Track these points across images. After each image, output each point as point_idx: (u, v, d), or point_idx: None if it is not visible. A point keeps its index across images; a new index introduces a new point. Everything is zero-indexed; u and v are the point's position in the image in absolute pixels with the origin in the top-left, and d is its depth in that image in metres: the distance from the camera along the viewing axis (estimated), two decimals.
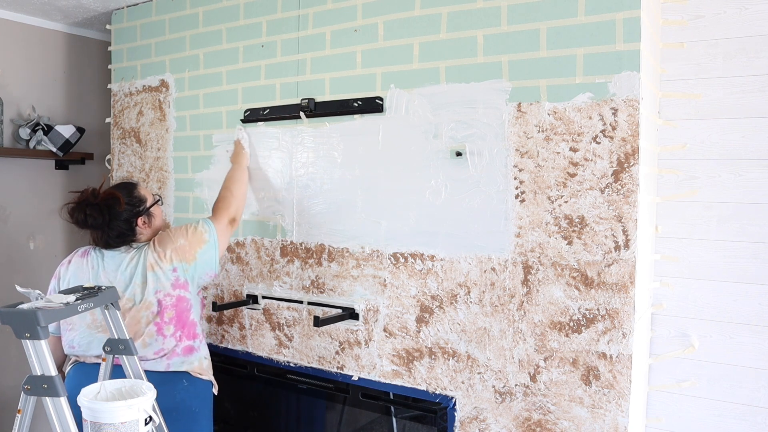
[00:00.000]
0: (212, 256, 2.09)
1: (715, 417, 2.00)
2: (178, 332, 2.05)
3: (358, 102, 2.13)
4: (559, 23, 1.79)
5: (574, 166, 1.77)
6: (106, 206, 2.01)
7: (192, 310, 2.10)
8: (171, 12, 2.67)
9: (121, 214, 2.04)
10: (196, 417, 2.03)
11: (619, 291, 1.72)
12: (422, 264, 2.03)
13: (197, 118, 2.59)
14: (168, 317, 2.03)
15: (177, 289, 2.05)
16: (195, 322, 2.11)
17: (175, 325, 2.04)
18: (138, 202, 2.09)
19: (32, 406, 1.45)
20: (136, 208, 2.08)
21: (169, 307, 2.03)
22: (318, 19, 2.25)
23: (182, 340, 2.06)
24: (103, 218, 2.01)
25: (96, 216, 2.00)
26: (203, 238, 2.08)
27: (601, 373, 1.75)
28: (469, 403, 1.97)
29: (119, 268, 2.04)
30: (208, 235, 2.09)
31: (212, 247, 2.09)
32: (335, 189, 2.21)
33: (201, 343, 2.13)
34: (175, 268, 2.04)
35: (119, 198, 2.03)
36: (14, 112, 2.98)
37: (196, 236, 2.08)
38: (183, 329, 2.07)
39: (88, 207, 2.00)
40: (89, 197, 2.02)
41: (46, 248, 3.16)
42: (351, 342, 2.19)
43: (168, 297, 2.03)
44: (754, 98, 1.93)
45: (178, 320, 2.05)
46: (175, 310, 2.05)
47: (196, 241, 2.08)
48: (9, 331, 1.42)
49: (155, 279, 2.01)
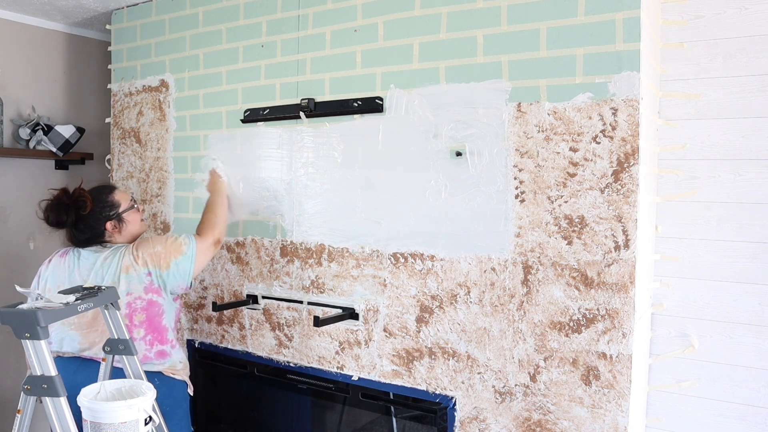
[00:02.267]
0: (187, 268, 2.08)
1: (715, 417, 2.00)
2: (149, 336, 2.06)
3: (358, 102, 2.13)
4: (559, 23, 1.79)
5: (574, 166, 1.77)
6: (74, 207, 2.05)
7: (164, 316, 2.10)
8: (171, 12, 2.67)
9: (87, 217, 2.06)
10: (168, 416, 2.02)
11: (619, 291, 1.72)
12: (422, 264, 2.03)
13: (197, 118, 2.59)
14: (138, 320, 2.04)
15: (149, 293, 2.05)
16: (167, 328, 2.11)
17: (145, 329, 2.05)
18: (108, 207, 2.11)
19: (32, 406, 1.45)
20: (106, 212, 2.10)
21: (139, 310, 2.04)
22: (318, 19, 2.25)
23: (153, 345, 2.07)
24: (66, 218, 2.05)
25: (61, 216, 2.05)
26: (181, 249, 2.08)
27: (601, 373, 1.75)
28: (469, 403, 1.97)
29: (93, 267, 2.06)
30: (187, 248, 2.09)
31: (188, 260, 2.08)
32: (335, 189, 2.21)
33: (173, 349, 2.12)
34: (149, 272, 2.04)
35: (87, 200, 2.06)
36: (14, 112, 2.98)
37: (175, 246, 2.08)
38: (154, 333, 2.07)
39: (57, 206, 2.05)
40: (62, 197, 2.07)
41: (46, 248, 3.16)
42: (351, 342, 2.19)
43: (139, 300, 2.04)
44: (754, 98, 1.93)
45: (149, 324, 2.06)
46: (146, 313, 2.05)
47: (173, 251, 2.07)
48: (9, 331, 1.42)
49: (128, 281, 2.02)
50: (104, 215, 2.10)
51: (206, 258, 2.16)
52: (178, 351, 2.16)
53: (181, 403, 2.12)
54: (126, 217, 2.14)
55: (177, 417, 2.09)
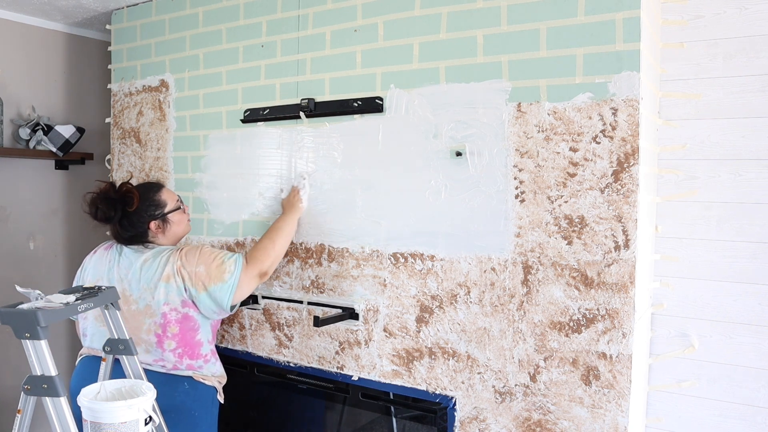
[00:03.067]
0: (224, 297, 1.99)
1: (715, 417, 2.00)
2: (179, 349, 2.01)
3: (358, 102, 2.13)
4: (558, 23, 1.79)
5: (574, 166, 1.78)
6: (120, 202, 2.00)
7: (200, 331, 2.04)
8: (171, 12, 2.67)
9: (132, 214, 2.01)
10: (195, 421, 2.00)
11: (619, 291, 1.72)
12: (422, 264, 2.03)
13: (197, 118, 2.59)
14: (171, 333, 1.99)
15: (186, 307, 2.00)
16: (201, 343, 2.05)
17: (177, 343, 2.00)
18: (155, 206, 2.06)
19: (32, 406, 1.45)
20: (151, 211, 2.05)
21: (173, 322, 1.99)
22: (318, 19, 2.25)
23: (183, 358, 2.02)
24: (114, 213, 1.99)
25: (106, 210, 1.99)
26: (223, 277, 1.98)
27: (601, 373, 1.75)
28: (469, 403, 1.97)
29: (131, 267, 2.02)
30: (230, 276, 1.99)
31: (228, 289, 1.99)
32: (335, 189, 2.21)
33: (207, 363, 2.08)
34: (186, 288, 1.99)
35: (134, 197, 2.00)
36: (14, 112, 2.98)
37: (218, 271, 1.99)
38: (185, 348, 2.02)
39: (103, 200, 1.99)
40: (109, 190, 2.01)
41: (46, 248, 3.16)
42: (351, 342, 2.19)
43: (174, 312, 1.99)
44: (754, 98, 1.93)
45: (182, 338, 2.01)
46: (179, 326, 2.00)
47: (215, 276, 1.98)
48: (9, 331, 1.42)
49: (167, 290, 1.97)
50: (149, 214, 2.05)
51: (249, 289, 2.05)
52: (213, 365, 2.10)
53: (209, 409, 2.07)
54: (171, 218, 2.09)
55: (205, 423, 2.05)
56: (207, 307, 2.01)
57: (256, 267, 2.06)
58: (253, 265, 2.05)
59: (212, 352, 2.12)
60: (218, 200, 2.52)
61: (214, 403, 2.11)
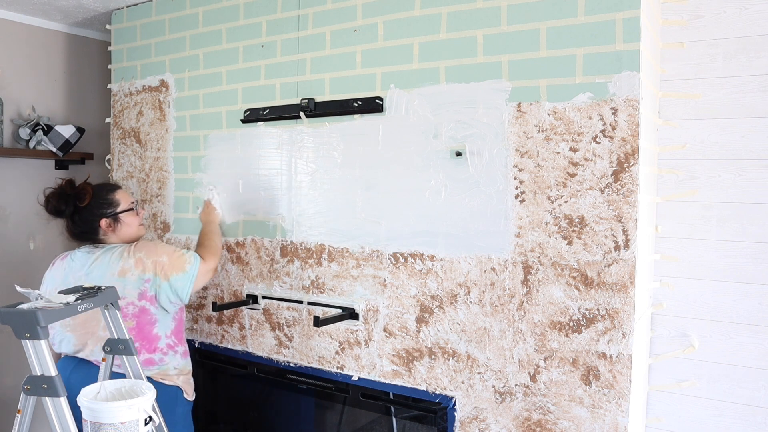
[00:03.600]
0: (185, 287, 2.07)
1: (715, 417, 2.00)
2: (136, 343, 2.01)
3: (358, 102, 2.13)
4: (558, 23, 1.79)
5: (574, 166, 1.77)
6: (73, 198, 2.06)
7: (156, 325, 2.07)
8: (171, 12, 2.67)
9: (84, 210, 2.07)
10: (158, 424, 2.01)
11: (619, 291, 1.72)
12: (422, 264, 2.03)
13: (197, 118, 2.59)
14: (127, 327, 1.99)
15: (143, 300, 2.04)
16: (158, 336, 2.08)
17: (134, 336, 2.02)
18: (107, 204, 2.11)
19: (32, 406, 1.45)
20: (103, 209, 2.10)
21: (130, 316, 2.02)
22: (318, 19, 2.25)
23: (140, 353, 2.03)
24: (65, 208, 2.06)
25: (57, 204, 2.06)
26: (184, 267, 2.07)
27: (601, 373, 1.75)
28: (469, 403, 1.97)
29: (83, 267, 2.06)
30: (190, 267, 2.08)
31: (189, 279, 2.07)
32: (335, 189, 2.21)
33: (166, 356, 2.09)
34: (149, 279, 2.02)
35: (87, 194, 2.07)
36: (14, 112, 2.98)
37: (179, 261, 2.07)
38: (142, 341, 2.04)
39: (58, 195, 2.06)
40: (66, 187, 2.09)
41: (46, 248, 3.16)
42: (351, 342, 2.19)
43: (131, 306, 2.02)
44: (754, 98, 1.93)
45: (139, 332, 2.03)
46: (136, 320, 2.03)
47: (177, 265, 2.06)
48: (9, 331, 1.42)
49: (123, 285, 2.00)
50: (100, 212, 2.10)
51: (204, 281, 2.15)
52: (174, 358, 2.12)
53: (173, 408, 2.08)
54: (123, 218, 2.14)
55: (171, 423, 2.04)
56: (166, 297, 2.06)
57: (211, 262, 2.18)
58: (209, 261, 2.17)
59: (170, 346, 2.12)
60: (218, 200, 2.52)
61: (180, 402, 2.12)
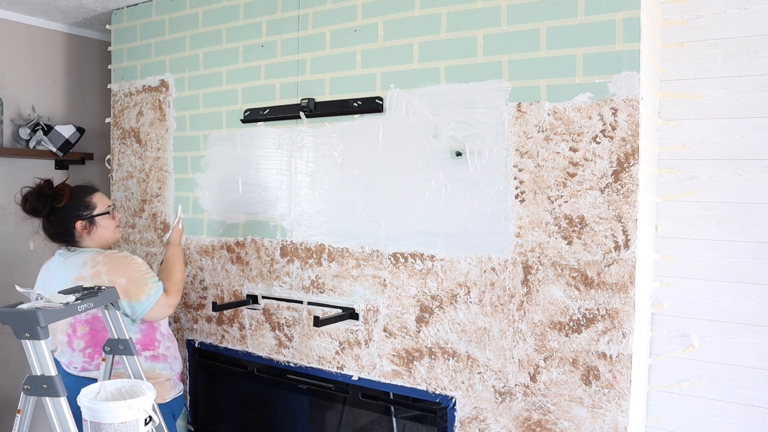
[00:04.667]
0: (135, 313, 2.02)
1: (715, 417, 2.00)
2: (89, 349, 2.03)
3: (358, 102, 2.13)
4: (558, 23, 1.79)
5: (574, 166, 1.77)
6: (50, 197, 2.05)
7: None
8: (171, 12, 2.67)
9: (60, 210, 2.06)
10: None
11: (619, 291, 1.72)
12: (422, 264, 2.03)
13: (197, 118, 2.59)
14: (81, 332, 2.02)
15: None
16: None
17: (86, 342, 2.02)
18: (83, 206, 2.10)
19: (32, 406, 1.45)
20: (79, 211, 2.09)
21: (83, 322, 2.02)
22: (318, 19, 2.25)
23: (93, 358, 2.03)
24: (42, 208, 2.05)
25: (34, 203, 2.05)
26: (139, 297, 2.01)
27: (601, 373, 1.75)
28: (469, 403, 1.97)
29: (57, 270, 2.08)
30: (147, 299, 2.02)
31: (141, 309, 2.01)
32: (335, 189, 2.21)
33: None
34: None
35: (64, 195, 2.05)
36: (14, 112, 2.98)
37: (138, 290, 2.01)
38: (95, 347, 2.03)
39: (36, 195, 2.06)
40: (44, 187, 2.08)
41: (46, 248, 3.16)
42: (351, 342, 2.19)
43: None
44: (754, 98, 1.93)
45: (92, 338, 2.03)
46: (90, 326, 2.02)
47: (132, 293, 2.01)
48: (9, 331, 1.42)
49: None
50: (77, 213, 2.08)
51: (162, 315, 2.09)
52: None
53: None
54: (99, 221, 2.12)
55: None
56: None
57: (174, 297, 2.11)
58: (172, 295, 2.10)
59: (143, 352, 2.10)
60: (218, 200, 2.52)
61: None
